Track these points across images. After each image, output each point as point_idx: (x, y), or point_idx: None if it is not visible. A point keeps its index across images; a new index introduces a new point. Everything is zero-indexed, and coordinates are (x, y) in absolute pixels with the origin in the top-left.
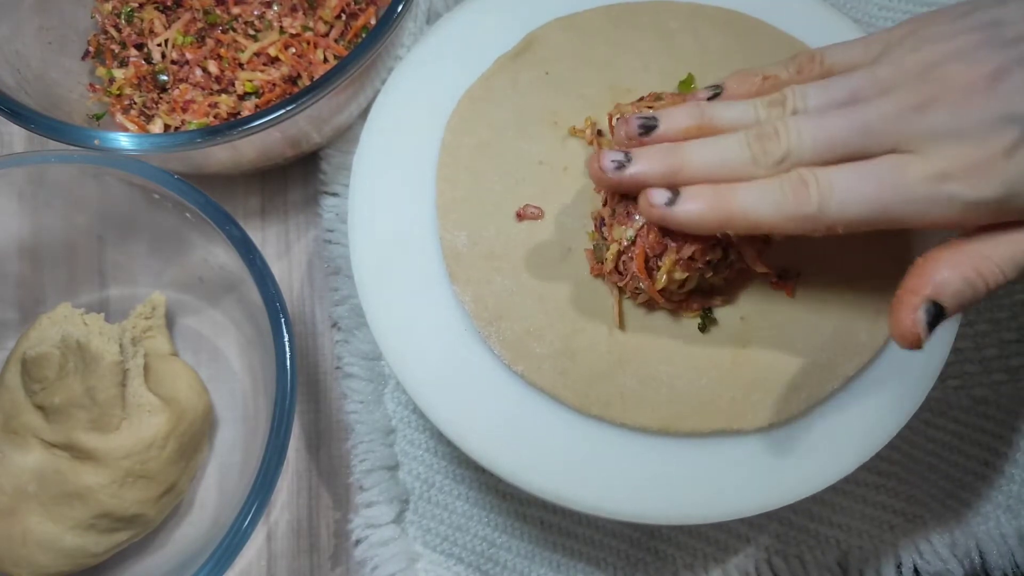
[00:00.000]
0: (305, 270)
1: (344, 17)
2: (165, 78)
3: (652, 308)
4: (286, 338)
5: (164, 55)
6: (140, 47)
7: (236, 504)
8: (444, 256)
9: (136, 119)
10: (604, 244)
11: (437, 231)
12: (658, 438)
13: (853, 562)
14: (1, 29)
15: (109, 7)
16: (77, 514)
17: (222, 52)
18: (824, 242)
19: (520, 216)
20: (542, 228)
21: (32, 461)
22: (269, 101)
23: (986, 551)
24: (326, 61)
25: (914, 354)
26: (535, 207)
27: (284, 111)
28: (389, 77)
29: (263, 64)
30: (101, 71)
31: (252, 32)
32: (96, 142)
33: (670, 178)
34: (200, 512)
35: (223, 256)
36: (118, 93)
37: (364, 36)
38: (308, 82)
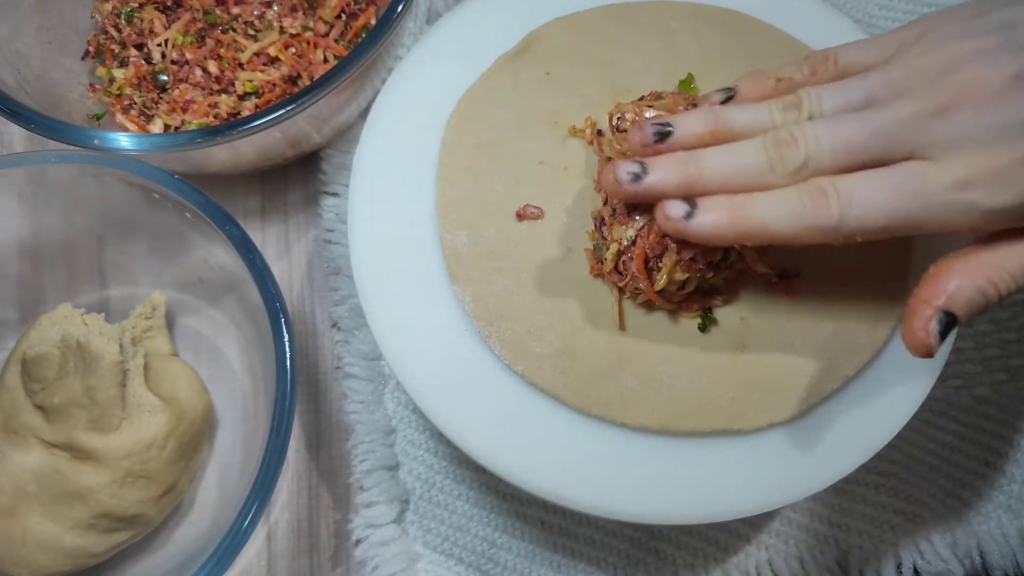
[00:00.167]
0: (305, 270)
1: (344, 17)
2: (165, 78)
3: (652, 308)
4: (286, 338)
5: (164, 55)
6: (140, 47)
7: (236, 504)
8: (444, 256)
9: (136, 119)
10: (604, 244)
11: (437, 231)
12: (658, 438)
13: (853, 562)
14: (1, 29)
15: (109, 7)
16: (77, 514)
17: (222, 52)
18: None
19: (520, 216)
20: (542, 228)
21: (32, 461)
22: (269, 101)
23: (987, 551)
24: (326, 61)
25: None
26: (535, 207)
27: (284, 111)
28: (389, 77)
29: (263, 64)
30: (101, 71)
31: (252, 32)
32: (96, 142)
33: (687, 189)
34: (200, 512)
35: (223, 256)
36: (118, 93)
37: (364, 36)
38: (308, 82)
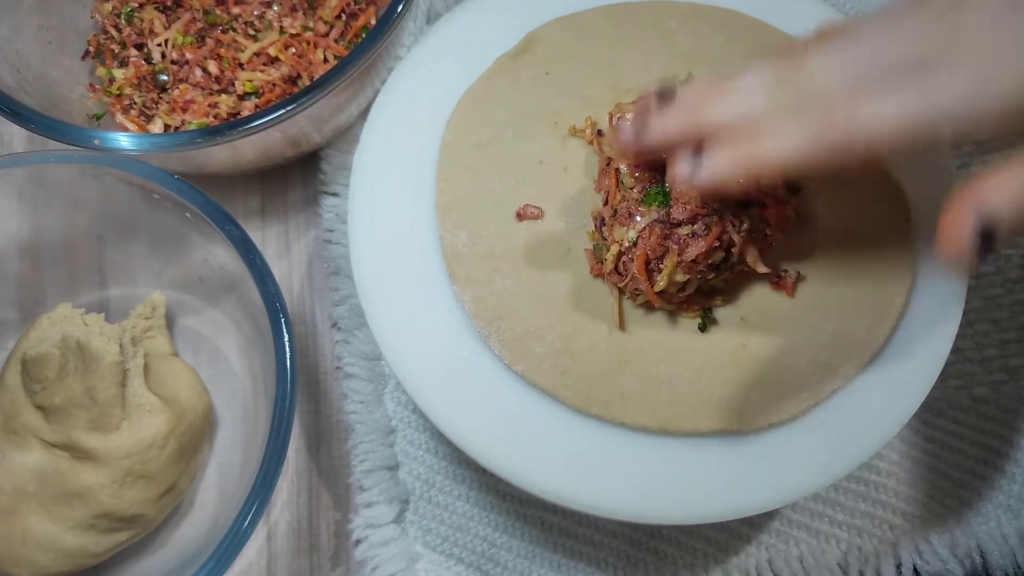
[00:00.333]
0: (305, 270)
1: (344, 17)
2: (165, 78)
3: (652, 308)
4: (286, 338)
5: (164, 55)
6: (140, 47)
7: (236, 504)
8: (444, 256)
9: (136, 119)
10: (604, 244)
11: (437, 231)
12: (658, 438)
13: (853, 562)
14: (1, 29)
15: (109, 7)
16: (77, 514)
17: (222, 52)
18: (824, 243)
19: (520, 216)
20: (542, 228)
21: (32, 461)
22: (269, 101)
23: (987, 551)
24: (326, 61)
25: (913, 354)
26: (535, 207)
27: (284, 111)
28: (389, 77)
29: (263, 64)
30: (101, 71)
31: (252, 32)
32: (96, 142)
33: (693, 127)
34: (200, 512)
35: (223, 256)
36: (118, 93)
37: (364, 36)
38: (308, 82)
